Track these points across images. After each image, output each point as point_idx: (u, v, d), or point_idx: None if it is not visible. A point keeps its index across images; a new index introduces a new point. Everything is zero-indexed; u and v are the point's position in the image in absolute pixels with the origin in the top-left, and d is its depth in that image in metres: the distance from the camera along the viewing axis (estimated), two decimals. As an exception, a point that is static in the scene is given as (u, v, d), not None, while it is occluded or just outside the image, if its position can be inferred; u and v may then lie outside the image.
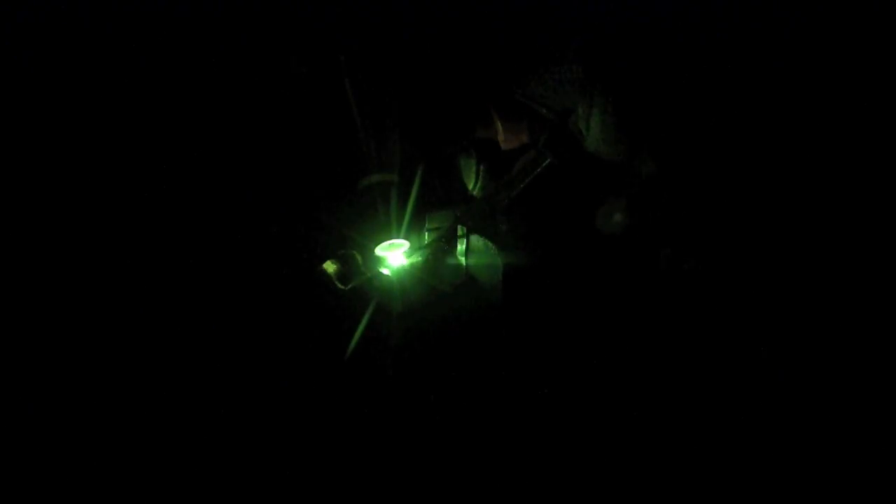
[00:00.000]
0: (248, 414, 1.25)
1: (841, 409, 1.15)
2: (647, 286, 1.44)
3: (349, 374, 1.33)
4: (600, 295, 1.48)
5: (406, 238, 1.47)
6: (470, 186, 1.56)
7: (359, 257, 1.44)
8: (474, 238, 1.56)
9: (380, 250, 1.45)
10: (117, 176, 1.25)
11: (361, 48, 1.37)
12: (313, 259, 1.37)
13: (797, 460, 1.13)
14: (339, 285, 1.41)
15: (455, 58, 1.49)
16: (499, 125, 1.51)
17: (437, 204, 1.56)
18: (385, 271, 1.49)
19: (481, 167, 1.54)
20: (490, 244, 1.52)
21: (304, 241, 1.38)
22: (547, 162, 1.48)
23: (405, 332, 1.40)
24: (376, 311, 1.39)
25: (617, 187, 1.43)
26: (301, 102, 1.38)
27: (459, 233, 1.60)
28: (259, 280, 1.32)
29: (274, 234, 1.35)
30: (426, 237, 1.58)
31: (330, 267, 1.42)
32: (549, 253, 1.54)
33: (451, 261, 1.59)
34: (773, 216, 1.32)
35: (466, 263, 1.59)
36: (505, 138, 1.52)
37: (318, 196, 1.40)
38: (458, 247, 1.59)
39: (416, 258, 1.52)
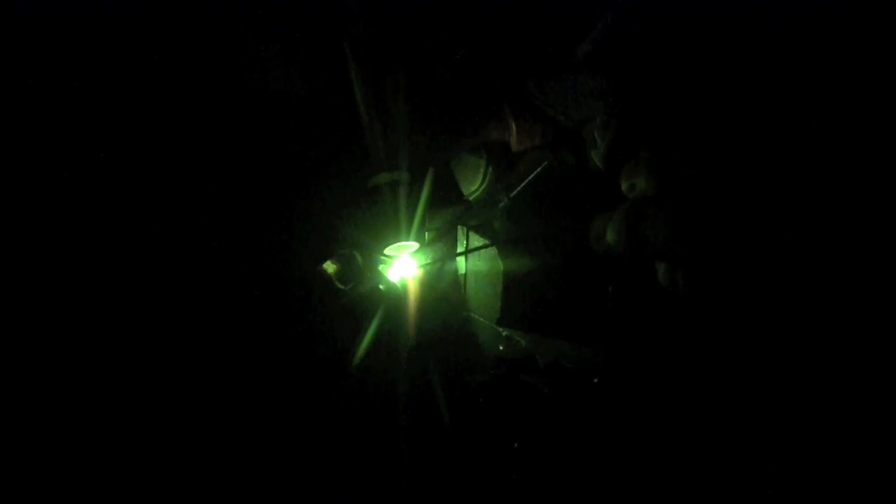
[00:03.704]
0: (247, 417, 1.25)
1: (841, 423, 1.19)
2: (644, 297, 1.45)
3: (352, 377, 1.31)
4: (598, 296, 1.49)
5: (414, 239, 1.43)
6: (474, 187, 1.51)
7: (359, 257, 1.40)
8: (474, 238, 1.53)
9: (390, 250, 1.41)
10: (118, 174, 1.13)
11: (373, 44, 1.28)
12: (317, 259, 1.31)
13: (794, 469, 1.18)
14: (339, 285, 1.38)
15: (470, 55, 1.40)
16: (513, 126, 1.45)
17: (437, 204, 1.51)
18: (391, 273, 1.46)
19: (490, 168, 1.48)
20: (490, 245, 1.50)
21: (308, 241, 1.31)
22: (546, 164, 1.45)
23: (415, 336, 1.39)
24: (381, 315, 1.36)
25: (610, 204, 1.41)
26: (309, 99, 1.27)
27: (459, 233, 1.57)
28: (259, 280, 1.25)
29: (277, 232, 1.27)
30: (426, 237, 1.54)
31: (330, 267, 1.38)
32: (547, 254, 1.52)
33: (450, 262, 1.57)
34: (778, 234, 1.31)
35: (466, 264, 1.57)
36: (518, 140, 1.47)
37: (324, 195, 1.32)
38: (458, 247, 1.57)
39: (423, 259, 1.50)
